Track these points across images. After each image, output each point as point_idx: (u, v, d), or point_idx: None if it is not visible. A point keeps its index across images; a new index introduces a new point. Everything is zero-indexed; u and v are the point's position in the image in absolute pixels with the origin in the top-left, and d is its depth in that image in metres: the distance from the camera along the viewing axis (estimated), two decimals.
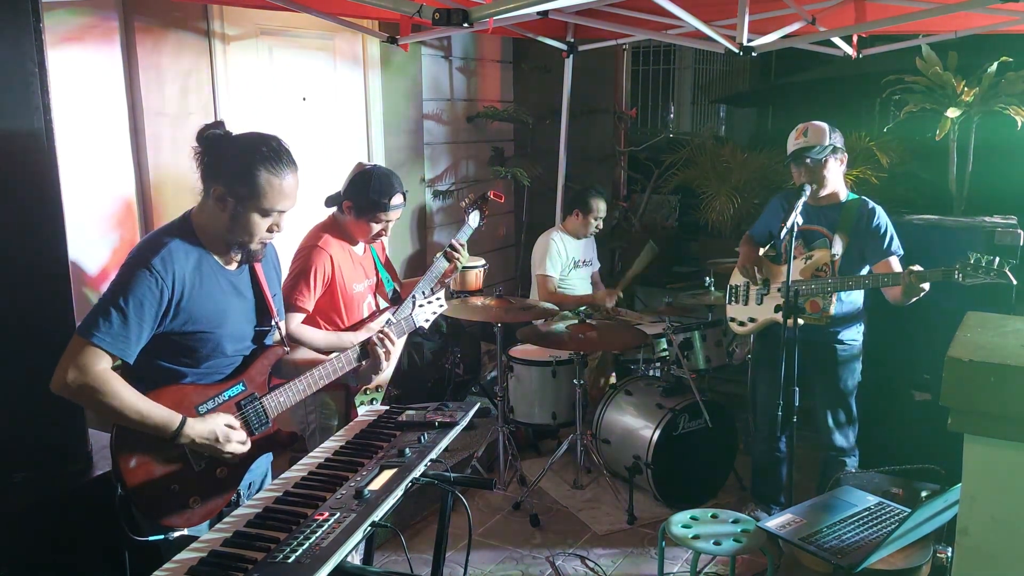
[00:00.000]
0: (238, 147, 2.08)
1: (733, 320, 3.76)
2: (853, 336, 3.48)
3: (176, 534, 2.04)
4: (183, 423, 2.01)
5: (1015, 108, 3.95)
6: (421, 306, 2.73)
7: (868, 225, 3.36)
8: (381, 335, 2.43)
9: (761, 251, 3.68)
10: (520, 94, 6.29)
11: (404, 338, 2.95)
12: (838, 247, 3.37)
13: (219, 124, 2.11)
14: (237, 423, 2.13)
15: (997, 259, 2.93)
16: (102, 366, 1.95)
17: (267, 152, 2.06)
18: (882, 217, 3.38)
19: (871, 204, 3.42)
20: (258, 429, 2.19)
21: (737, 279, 3.75)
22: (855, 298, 3.47)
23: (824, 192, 3.40)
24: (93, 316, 1.98)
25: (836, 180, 3.42)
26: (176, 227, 2.13)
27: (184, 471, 2.05)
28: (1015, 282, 2.92)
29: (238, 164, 2.05)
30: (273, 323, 2.30)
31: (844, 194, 3.45)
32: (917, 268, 3.09)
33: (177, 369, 2.10)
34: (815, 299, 3.40)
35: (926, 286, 3.10)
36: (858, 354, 3.52)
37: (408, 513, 3.68)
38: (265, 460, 2.36)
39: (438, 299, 2.76)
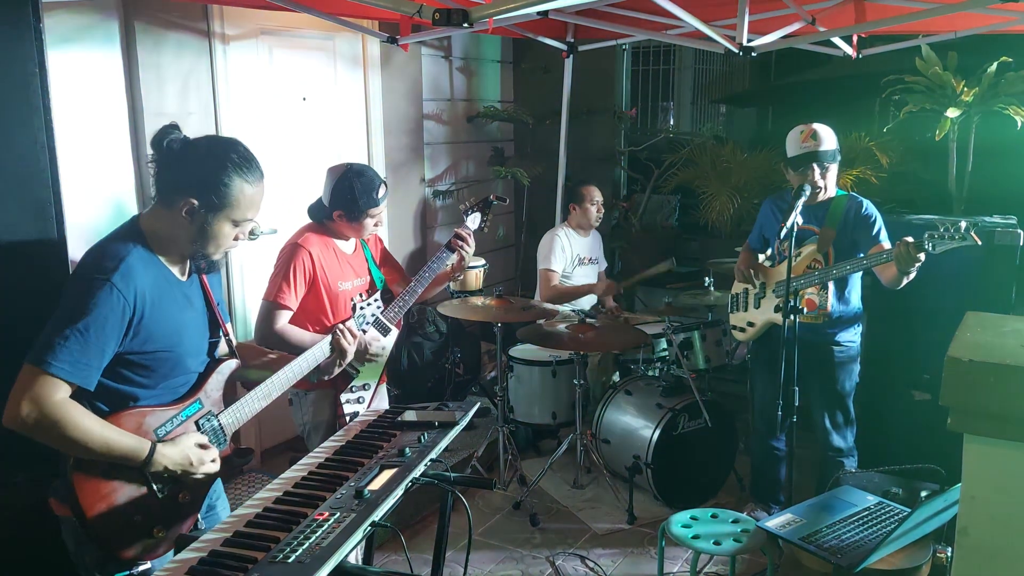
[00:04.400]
0: (206, 154, 1.94)
1: (735, 328, 3.77)
2: (851, 338, 3.48)
3: (140, 568, 1.93)
4: (153, 450, 1.87)
5: (1015, 108, 3.95)
6: (362, 308, 2.70)
7: (857, 214, 3.37)
8: (342, 329, 2.44)
9: (761, 257, 3.69)
10: (520, 94, 6.30)
11: (391, 335, 2.95)
12: (826, 239, 3.38)
13: (174, 127, 1.95)
14: (205, 439, 2.01)
15: (964, 223, 2.92)
16: (60, 396, 1.76)
17: (238, 159, 1.94)
18: (871, 208, 3.39)
19: (859, 197, 3.44)
20: (218, 448, 2.06)
21: (736, 288, 3.77)
22: (854, 299, 3.47)
23: (824, 195, 3.41)
24: (47, 340, 1.76)
25: (834, 181, 3.45)
26: (127, 235, 1.95)
27: (147, 499, 1.92)
28: (980, 243, 2.92)
29: (209, 173, 1.91)
30: (221, 333, 2.17)
31: (833, 191, 3.47)
32: (909, 239, 3.06)
33: (130, 391, 1.93)
34: (811, 297, 3.41)
35: (921, 256, 3.05)
36: (856, 356, 3.51)
37: (408, 513, 3.68)
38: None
39: (376, 300, 2.71)
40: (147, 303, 1.89)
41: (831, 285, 3.39)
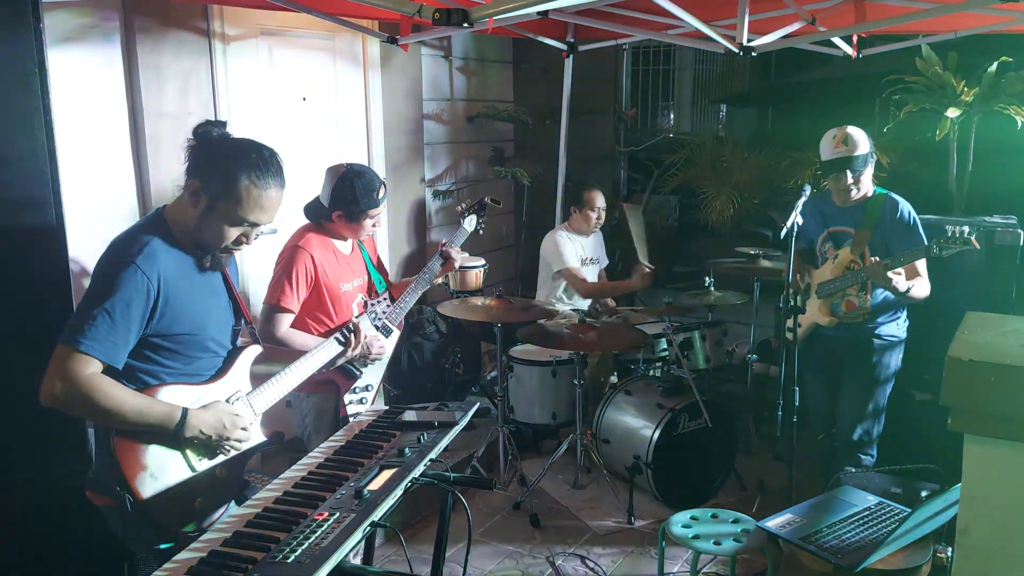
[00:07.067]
0: (228, 148, 2.02)
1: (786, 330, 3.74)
2: (892, 331, 3.42)
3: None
4: (185, 414, 1.96)
5: (1015, 108, 3.96)
6: (373, 305, 2.79)
7: (892, 217, 3.32)
8: (353, 325, 2.43)
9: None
10: (520, 94, 6.30)
11: (393, 336, 2.97)
12: (860, 241, 3.34)
13: (221, 123, 2.06)
14: (238, 408, 2.10)
15: (967, 228, 2.97)
16: (90, 371, 1.87)
17: (255, 159, 1.99)
18: (905, 209, 3.33)
19: (895, 197, 3.37)
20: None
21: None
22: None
23: (858, 196, 3.37)
24: (77, 321, 1.88)
25: (868, 182, 3.39)
26: (151, 225, 2.05)
27: (185, 471, 2.01)
28: (979, 247, 2.99)
29: (222, 164, 1.99)
30: (243, 321, 2.25)
31: (871, 191, 3.42)
32: (876, 258, 3.13)
33: (157, 371, 2.02)
34: (850, 298, 3.39)
35: (899, 283, 3.11)
36: (895, 346, 3.44)
37: (408, 513, 3.68)
38: None
39: (386, 299, 2.82)
40: (170, 286, 1.97)
41: (871, 286, 3.34)
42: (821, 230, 3.49)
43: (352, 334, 2.44)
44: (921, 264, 3.27)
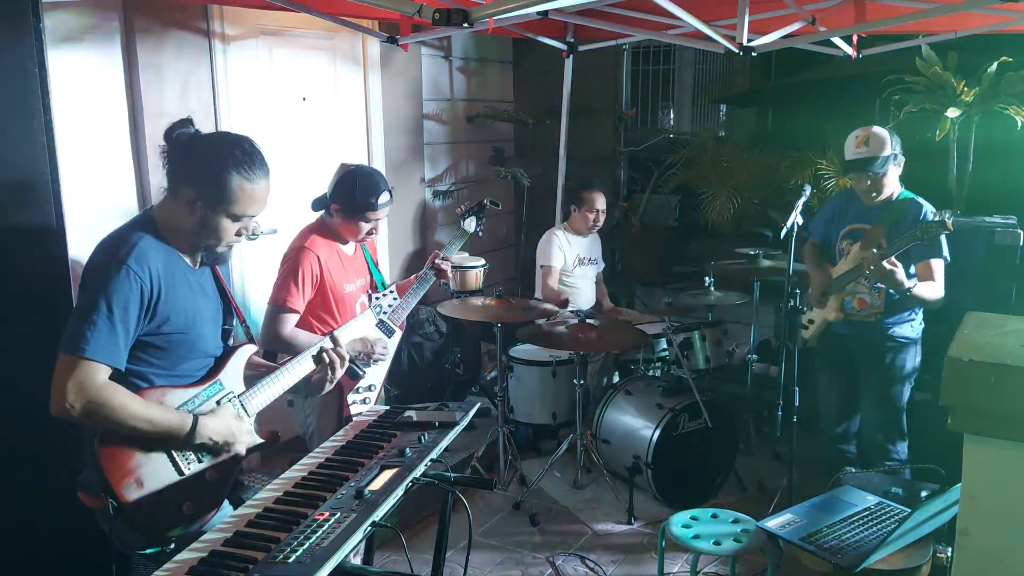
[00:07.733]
0: (210, 150, 2.00)
1: (801, 327, 3.72)
2: (905, 332, 3.42)
3: (172, 546, 1.96)
4: (196, 422, 1.96)
5: (1015, 108, 3.96)
6: (378, 299, 2.83)
7: (914, 222, 3.29)
8: (335, 351, 2.29)
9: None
10: (520, 94, 6.29)
11: (395, 336, 2.99)
12: (873, 238, 3.33)
13: (187, 122, 2.02)
14: (241, 413, 2.08)
15: (947, 213, 3.06)
16: (101, 379, 1.85)
17: (240, 156, 1.98)
18: (930, 214, 3.32)
19: (920, 201, 3.37)
20: None
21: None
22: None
23: (880, 197, 3.37)
24: (77, 329, 1.85)
25: (893, 184, 3.38)
26: (140, 224, 2.03)
27: (172, 476, 1.97)
28: (952, 230, 3.06)
29: (210, 168, 1.97)
30: (236, 321, 2.23)
31: (897, 192, 3.41)
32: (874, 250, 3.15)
33: (146, 372, 2.00)
34: (862, 296, 3.40)
35: (899, 276, 3.10)
36: (910, 346, 3.43)
37: (408, 513, 3.67)
38: None
39: (392, 292, 2.85)
40: (162, 285, 1.96)
41: (883, 285, 3.33)
42: (843, 226, 3.49)
43: (328, 354, 2.29)
44: (938, 268, 3.26)
